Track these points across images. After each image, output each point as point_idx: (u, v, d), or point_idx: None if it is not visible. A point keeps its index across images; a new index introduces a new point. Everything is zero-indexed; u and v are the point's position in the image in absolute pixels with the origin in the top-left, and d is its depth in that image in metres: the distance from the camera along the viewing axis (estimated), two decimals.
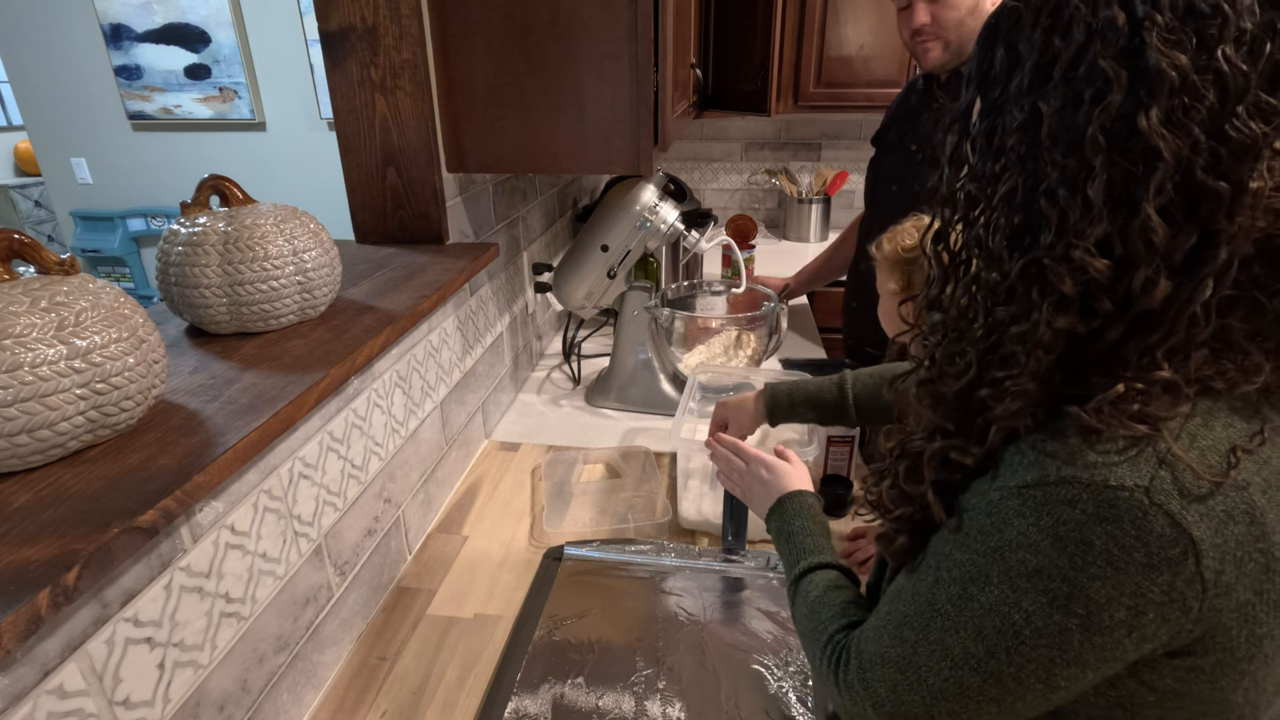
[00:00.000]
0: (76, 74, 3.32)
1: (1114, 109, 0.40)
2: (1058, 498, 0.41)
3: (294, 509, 0.76)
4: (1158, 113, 0.38)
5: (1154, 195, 0.39)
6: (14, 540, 0.48)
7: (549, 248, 1.76)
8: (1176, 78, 0.38)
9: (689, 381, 1.23)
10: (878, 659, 0.52)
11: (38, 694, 0.48)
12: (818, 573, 0.68)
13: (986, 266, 0.48)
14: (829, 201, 2.66)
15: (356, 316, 0.89)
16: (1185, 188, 0.39)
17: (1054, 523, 0.41)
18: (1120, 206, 0.41)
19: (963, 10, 1.31)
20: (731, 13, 2.21)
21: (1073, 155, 0.41)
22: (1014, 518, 0.43)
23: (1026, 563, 0.43)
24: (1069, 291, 0.42)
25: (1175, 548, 0.39)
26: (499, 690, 0.82)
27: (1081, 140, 0.41)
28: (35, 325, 0.53)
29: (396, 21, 1.04)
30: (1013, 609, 0.44)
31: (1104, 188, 0.41)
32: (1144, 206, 0.40)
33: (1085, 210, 0.41)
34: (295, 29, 3.14)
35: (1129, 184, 0.40)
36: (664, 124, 1.16)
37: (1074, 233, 0.42)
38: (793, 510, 0.77)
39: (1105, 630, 0.42)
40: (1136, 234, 0.40)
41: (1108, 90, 0.40)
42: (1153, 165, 0.39)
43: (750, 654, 0.87)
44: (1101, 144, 0.40)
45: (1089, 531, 0.40)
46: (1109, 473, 0.40)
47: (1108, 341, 0.44)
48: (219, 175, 0.84)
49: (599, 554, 1.03)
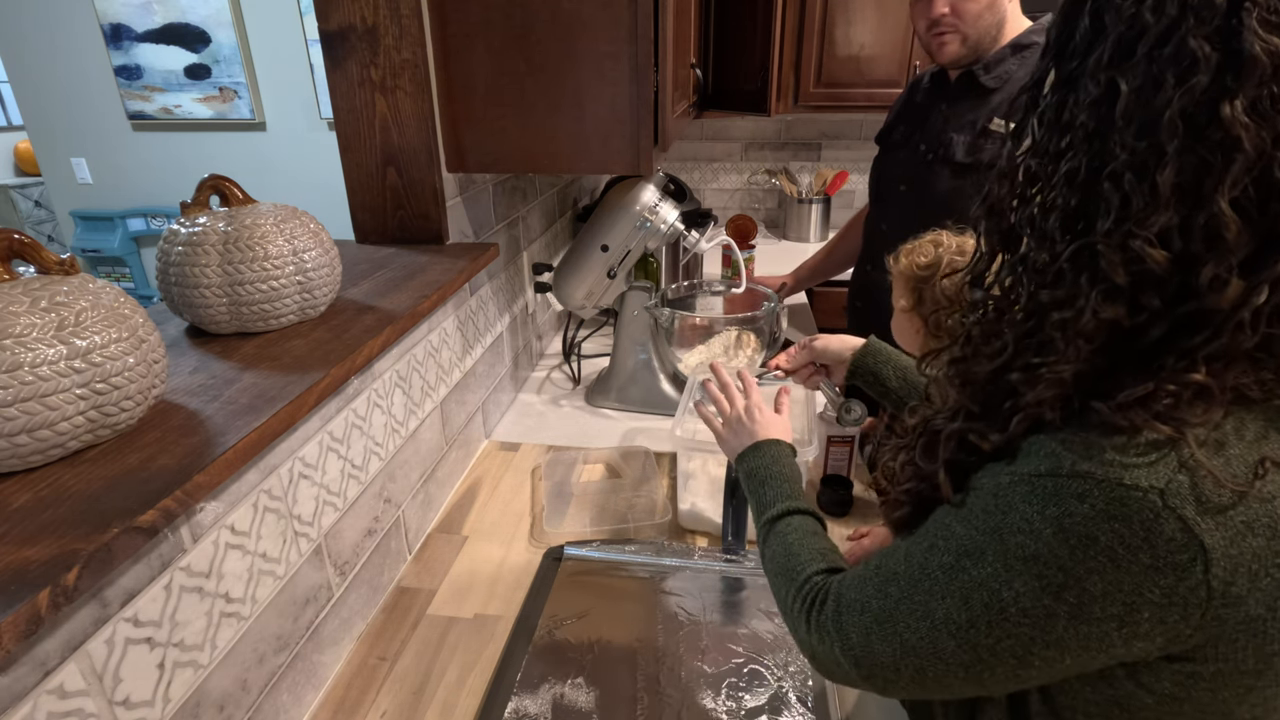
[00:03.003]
0: (76, 74, 3.32)
1: (1198, 92, 0.37)
2: (1068, 490, 0.41)
3: (294, 509, 0.76)
4: (1244, 101, 0.36)
5: (1229, 189, 0.37)
6: (14, 540, 0.48)
7: (549, 248, 1.76)
8: (1270, 65, 0.36)
9: (689, 381, 1.22)
10: (857, 605, 0.53)
11: (38, 694, 0.48)
12: (797, 517, 0.68)
13: (1037, 247, 0.46)
14: (829, 201, 2.66)
15: (356, 316, 0.89)
16: (1261, 184, 0.38)
17: (1060, 514, 0.41)
18: (1188, 198, 0.39)
19: (982, 3, 1.30)
20: (731, 13, 2.21)
21: (1146, 138, 0.39)
22: (1019, 503, 0.43)
23: (1025, 547, 0.42)
24: (1121, 281, 0.41)
25: (1184, 553, 0.39)
26: (499, 690, 0.82)
27: (1158, 123, 0.39)
28: (35, 325, 0.53)
29: (396, 21, 1.04)
30: (1003, 586, 0.44)
31: (1174, 176, 0.38)
32: (1216, 199, 0.38)
33: (1152, 197, 0.39)
34: (295, 29, 3.14)
35: (1202, 174, 0.38)
36: (664, 124, 1.16)
37: (1135, 220, 0.40)
38: (773, 455, 0.76)
39: (1094, 621, 0.41)
40: (1202, 228, 0.38)
41: (1194, 71, 0.37)
42: (1231, 156, 0.37)
43: (750, 654, 0.87)
44: (1179, 128, 0.38)
45: (1095, 527, 0.40)
46: (1125, 472, 0.39)
47: (1148, 340, 0.42)
48: (219, 175, 0.84)
49: (599, 554, 1.03)
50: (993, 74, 1.34)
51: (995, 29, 1.33)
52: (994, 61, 1.34)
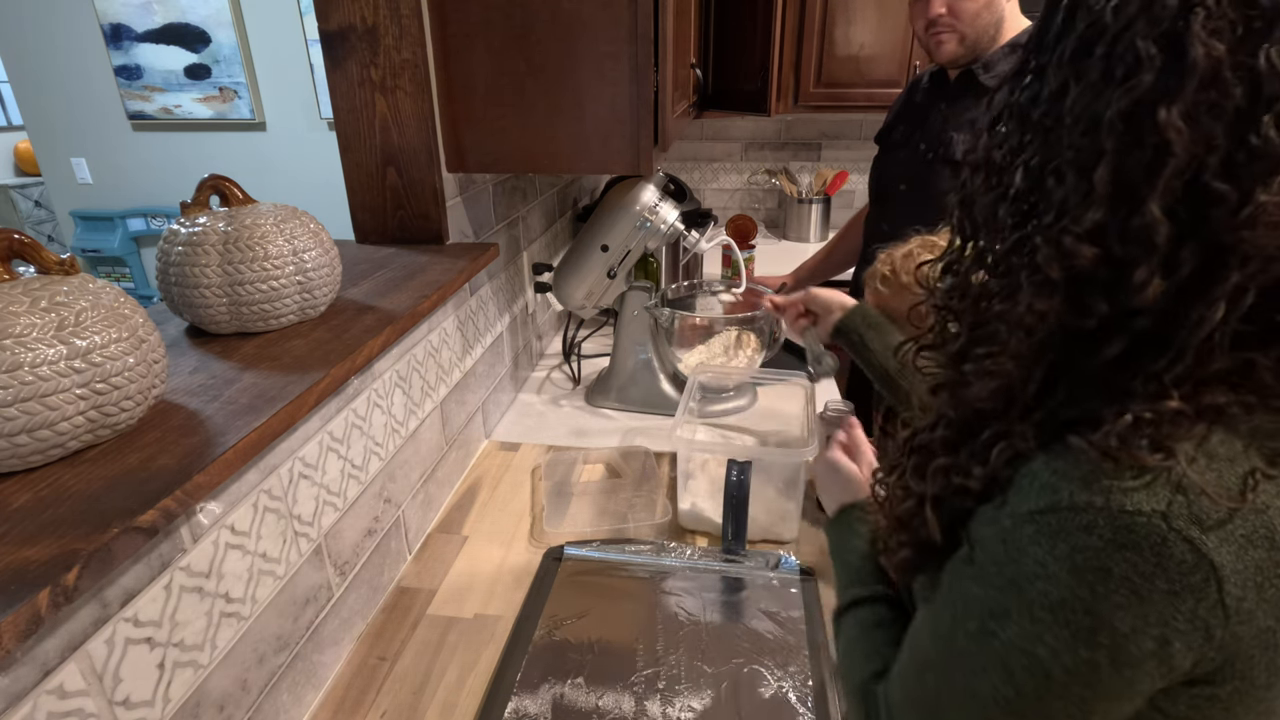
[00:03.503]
0: (76, 74, 3.32)
1: (1138, 93, 0.37)
2: (1073, 524, 0.40)
3: (294, 509, 0.76)
4: (1181, 105, 0.36)
5: (1160, 192, 0.37)
6: (14, 540, 0.48)
7: (549, 248, 1.76)
8: (1208, 70, 0.36)
9: (689, 381, 1.22)
10: (905, 705, 0.50)
11: (38, 694, 0.48)
12: (863, 608, 0.63)
13: (990, 236, 0.47)
14: (829, 201, 2.66)
15: (356, 316, 0.89)
16: (1194, 190, 0.37)
17: (1070, 550, 0.39)
18: (1124, 198, 0.39)
19: (979, 3, 1.30)
20: (731, 13, 2.21)
21: (1088, 135, 0.39)
22: (1029, 545, 0.41)
23: (1047, 595, 0.40)
24: (1055, 275, 0.41)
25: (1196, 574, 0.38)
26: (499, 690, 0.82)
27: (1100, 121, 0.39)
28: (35, 325, 0.53)
29: (396, 21, 1.04)
30: (1037, 645, 0.41)
31: (1110, 175, 0.39)
32: (1148, 202, 0.37)
33: (1085, 195, 0.39)
34: (295, 29, 3.14)
35: (1137, 176, 0.38)
36: (664, 124, 1.16)
37: (1071, 216, 0.40)
38: (849, 525, 0.71)
39: (1135, 663, 0.40)
40: (1136, 230, 0.38)
41: (1137, 72, 0.37)
42: (1164, 160, 0.37)
43: (750, 654, 0.87)
44: (1118, 128, 0.38)
45: (1107, 559, 0.39)
46: (1125, 498, 0.39)
47: (1108, 357, 0.42)
48: (219, 175, 0.84)
49: (599, 554, 1.03)
50: (992, 73, 1.34)
51: (993, 28, 1.33)
52: (993, 60, 1.35)
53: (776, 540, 1.08)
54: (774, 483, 1.10)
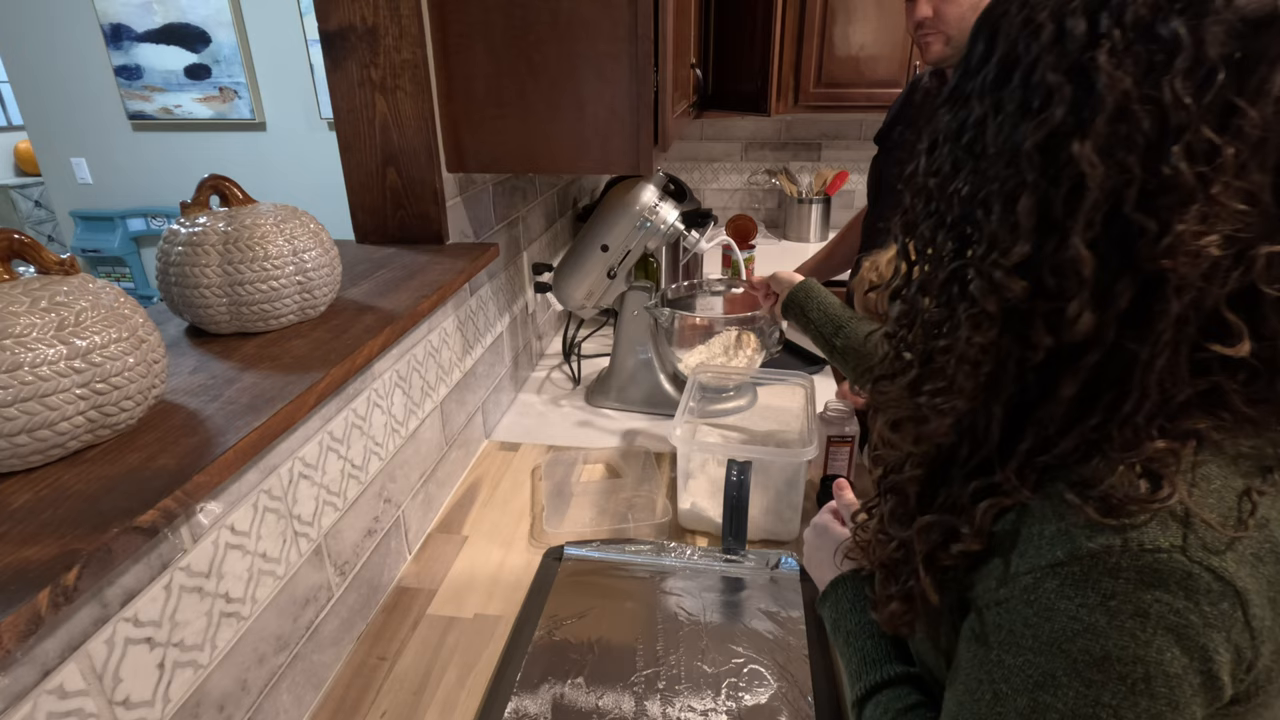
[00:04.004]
0: (76, 74, 3.32)
1: (1051, 125, 0.38)
2: (1098, 570, 0.38)
3: (294, 509, 0.76)
4: (1093, 138, 0.36)
5: (1082, 226, 0.37)
6: (14, 540, 0.48)
7: (549, 248, 1.76)
8: (1115, 104, 0.36)
9: (689, 381, 1.22)
10: None
11: (38, 694, 0.48)
12: (884, 694, 0.58)
13: (930, 265, 0.46)
14: (829, 201, 2.66)
15: (356, 316, 0.89)
16: (1115, 222, 0.37)
17: (1101, 597, 0.38)
18: (1051, 232, 0.39)
19: (965, 5, 1.31)
20: (731, 13, 2.21)
21: (1010, 166, 0.40)
22: (1059, 601, 0.39)
23: (1090, 650, 0.39)
24: (991, 309, 0.41)
25: (1224, 601, 0.37)
26: (499, 690, 0.82)
27: (1018, 153, 0.39)
28: (35, 325, 0.53)
29: (396, 21, 1.04)
30: (1096, 707, 0.39)
31: (1033, 209, 0.39)
32: (1071, 236, 0.38)
33: (1012, 229, 0.39)
34: (295, 29, 3.14)
35: (1058, 208, 0.38)
36: (664, 124, 1.16)
37: (1000, 250, 0.40)
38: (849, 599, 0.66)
39: (1189, 700, 0.39)
40: (1064, 264, 0.38)
41: (1049, 105, 0.38)
42: (1081, 193, 0.37)
43: (750, 654, 0.87)
44: (1035, 160, 0.38)
45: (1140, 600, 0.37)
46: (1141, 535, 0.38)
47: (1066, 396, 0.41)
48: (219, 175, 0.84)
49: (599, 554, 1.03)
50: None
51: None
52: None
53: (776, 540, 1.08)
54: (774, 483, 1.10)
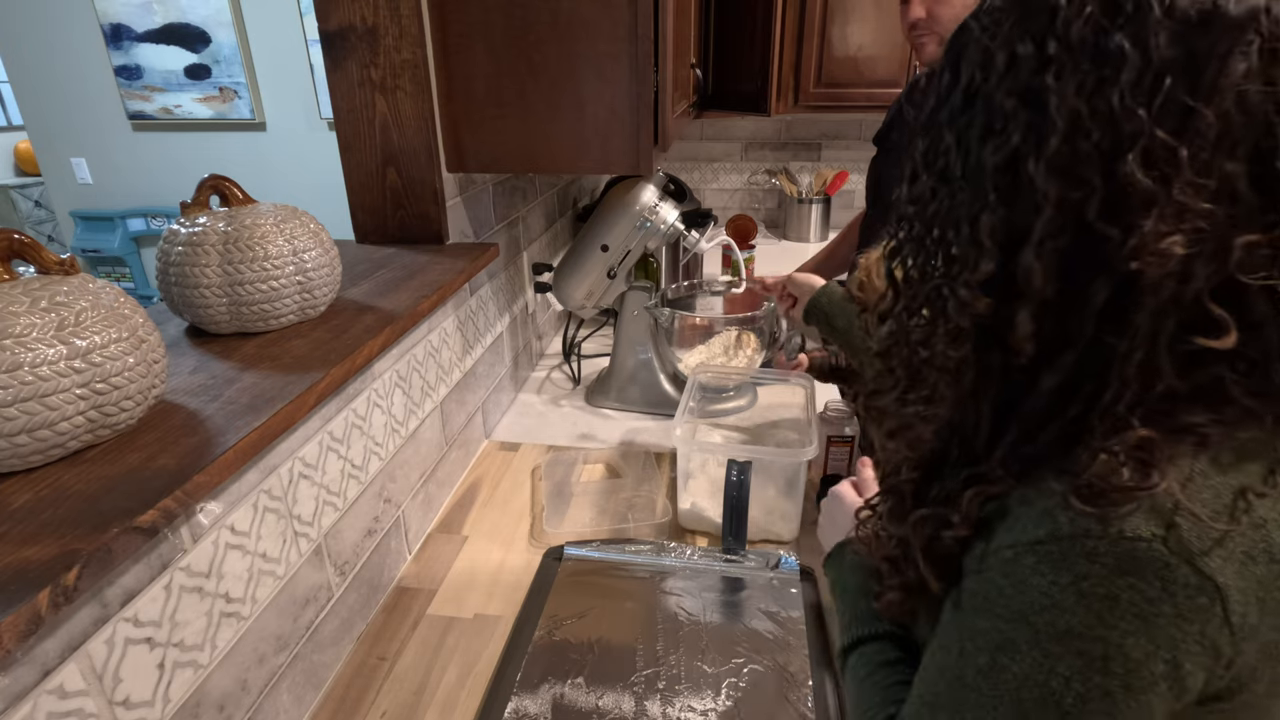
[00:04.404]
0: (76, 74, 3.32)
1: (1009, 148, 0.40)
2: (1074, 552, 0.39)
3: (294, 509, 0.76)
4: (1048, 157, 0.38)
5: (1039, 241, 0.39)
6: (14, 540, 0.48)
7: (549, 248, 1.76)
8: (1067, 122, 0.38)
9: (689, 381, 1.22)
10: None
11: (38, 694, 0.48)
12: (869, 646, 0.62)
13: (909, 285, 0.49)
14: (829, 201, 2.66)
15: (356, 316, 0.89)
16: (1079, 233, 0.39)
17: (1074, 578, 0.39)
18: (1012, 249, 0.40)
19: (957, 6, 1.31)
20: (731, 13, 2.21)
21: (975, 189, 0.42)
22: (1031, 576, 0.41)
23: (1055, 624, 0.40)
24: (964, 325, 0.43)
25: (1201, 596, 0.38)
26: (499, 690, 0.82)
27: (981, 174, 0.41)
28: (35, 325, 0.53)
29: (396, 21, 1.04)
30: (1049, 675, 0.41)
31: (995, 227, 0.41)
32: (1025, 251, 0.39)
33: (977, 247, 0.42)
34: (295, 29, 3.14)
35: (1017, 227, 0.40)
36: (664, 124, 1.16)
37: (969, 268, 0.42)
38: (851, 561, 0.69)
39: (1147, 687, 0.39)
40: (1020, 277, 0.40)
41: (1006, 127, 0.40)
42: (1039, 211, 0.39)
43: (750, 654, 0.87)
44: (997, 183, 0.40)
45: (1113, 585, 0.38)
46: (1123, 523, 0.38)
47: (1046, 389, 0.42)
48: (219, 175, 0.84)
49: (599, 554, 1.03)
50: None
51: None
52: None
53: (776, 540, 1.08)
54: (774, 483, 1.10)
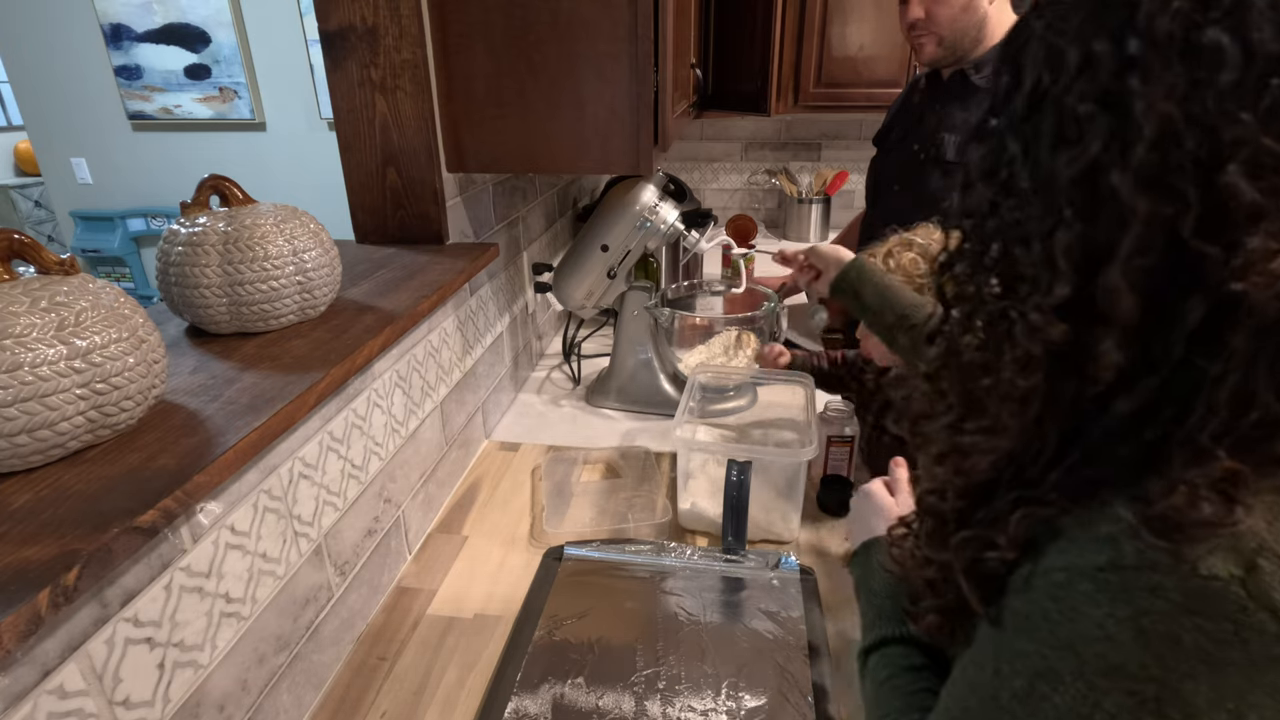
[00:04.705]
0: (76, 74, 3.32)
1: (1088, 158, 0.36)
2: (1138, 585, 0.35)
3: (294, 509, 0.76)
4: (1134, 168, 0.34)
5: (1124, 260, 0.35)
6: (14, 540, 0.48)
7: (549, 248, 1.76)
8: (1156, 129, 0.34)
9: (689, 381, 1.22)
10: None
11: (38, 694, 0.48)
12: (892, 648, 0.60)
13: (967, 303, 0.45)
14: (829, 201, 2.65)
15: (356, 316, 0.89)
16: (1170, 250, 0.35)
17: (1134, 613, 0.35)
18: (1091, 270, 0.36)
19: (955, 7, 1.32)
20: (731, 13, 2.21)
21: (1048, 204, 0.38)
22: (1086, 605, 0.37)
23: (1106, 658, 0.36)
24: (1035, 352, 0.39)
25: (1279, 646, 0.34)
26: (499, 690, 0.82)
27: (1054, 187, 0.37)
28: (35, 325, 0.53)
29: (396, 21, 1.04)
30: (1093, 710, 0.37)
31: (1072, 246, 0.37)
32: (1111, 272, 0.35)
33: (1051, 268, 0.37)
34: (295, 29, 3.14)
35: (1099, 245, 0.36)
36: (664, 124, 1.16)
37: (1042, 291, 0.38)
38: (878, 560, 0.67)
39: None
40: (1104, 301, 0.36)
41: (1084, 136, 0.36)
42: (1124, 227, 0.35)
43: (750, 654, 0.87)
44: (1074, 197, 0.36)
45: (1177, 625, 0.35)
46: (1198, 560, 0.34)
47: (1121, 413, 0.38)
48: (219, 175, 0.84)
49: (599, 554, 1.03)
50: (984, 74, 1.36)
51: (974, 29, 1.34)
52: (985, 61, 1.36)
53: (776, 540, 1.08)
54: (774, 483, 1.10)
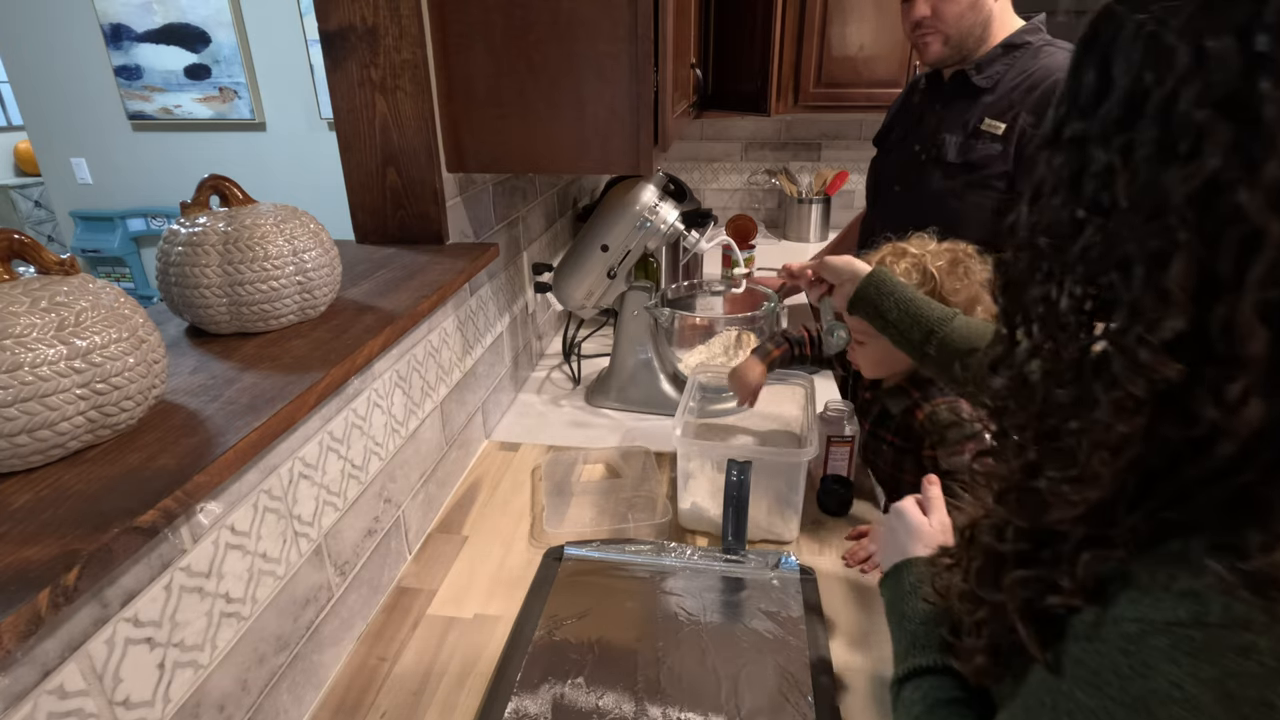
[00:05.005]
0: (76, 74, 3.32)
1: (1208, 172, 0.30)
2: (1225, 644, 0.32)
3: (294, 509, 0.76)
4: (1265, 185, 0.30)
5: (1255, 290, 0.30)
6: (14, 540, 0.48)
7: (549, 248, 1.76)
8: None
9: (689, 381, 1.23)
10: None
11: (38, 694, 0.48)
12: (927, 680, 0.55)
13: (1051, 338, 0.39)
14: (829, 201, 2.66)
15: (356, 316, 0.89)
16: None
17: (1220, 675, 0.32)
18: (1212, 301, 0.31)
19: (962, 4, 1.31)
20: (731, 13, 2.21)
21: (1154, 223, 0.32)
22: (1162, 663, 0.34)
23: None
24: (1138, 393, 0.34)
25: None
26: (499, 690, 0.82)
27: (1166, 206, 0.32)
28: (35, 325, 0.53)
29: (396, 21, 1.04)
30: None
31: (1189, 273, 0.31)
32: (1239, 304, 0.30)
33: (1161, 298, 0.32)
34: (295, 29, 3.14)
35: (1224, 273, 0.31)
36: (664, 124, 1.16)
37: (1146, 324, 0.33)
38: (911, 583, 0.63)
39: None
40: (1233, 339, 0.31)
41: (1203, 147, 0.31)
42: (1255, 251, 0.30)
43: (750, 654, 0.87)
44: (1189, 217, 0.31)
45: (1269, 690, 0.31)
46: None
47: (1221, 457, 0.34)
48: (219, 175, 0.84)
49: (599, 554, 1.03)
50: (984, 74, 1.35)
51: (979, 29, 1.34)
52: (986, 61, 1.35)
53: (776, 540, 1.08)
54: (774, 483, 1.10)
